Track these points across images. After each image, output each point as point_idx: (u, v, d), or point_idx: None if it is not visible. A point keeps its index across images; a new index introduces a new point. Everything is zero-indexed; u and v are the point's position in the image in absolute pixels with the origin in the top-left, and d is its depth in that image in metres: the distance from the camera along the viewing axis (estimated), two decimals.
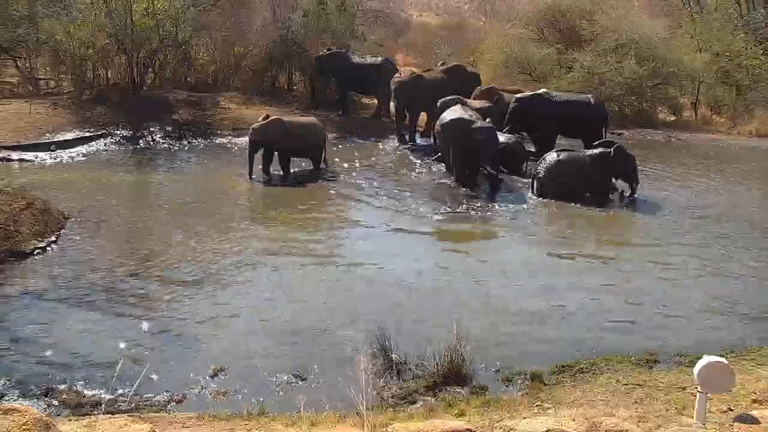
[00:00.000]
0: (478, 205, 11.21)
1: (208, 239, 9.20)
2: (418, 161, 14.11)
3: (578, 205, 11.22)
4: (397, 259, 8.63)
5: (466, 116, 12.33)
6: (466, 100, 14.32)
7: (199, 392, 5.57)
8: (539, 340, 6.56)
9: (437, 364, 5.74)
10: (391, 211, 10.76)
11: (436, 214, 10.74)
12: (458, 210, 10.96)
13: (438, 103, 14.15)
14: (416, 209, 10.87)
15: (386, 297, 7.43)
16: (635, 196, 11.68)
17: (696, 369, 4.20)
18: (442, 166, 13.41)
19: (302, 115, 15.25)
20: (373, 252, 8.93)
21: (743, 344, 6.53)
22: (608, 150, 11.56)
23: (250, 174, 12.14)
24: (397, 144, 15.48)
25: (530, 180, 12.03)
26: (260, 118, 12.73)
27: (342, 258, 8.68)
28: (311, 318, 6.90)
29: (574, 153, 12.06)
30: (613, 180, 11.80)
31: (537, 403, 5.29)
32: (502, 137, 13.09)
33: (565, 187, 11.38)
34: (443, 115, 12.85)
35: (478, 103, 14.46)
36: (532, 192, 11.80)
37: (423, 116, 15.95)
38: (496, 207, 11.17)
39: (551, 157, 11.86)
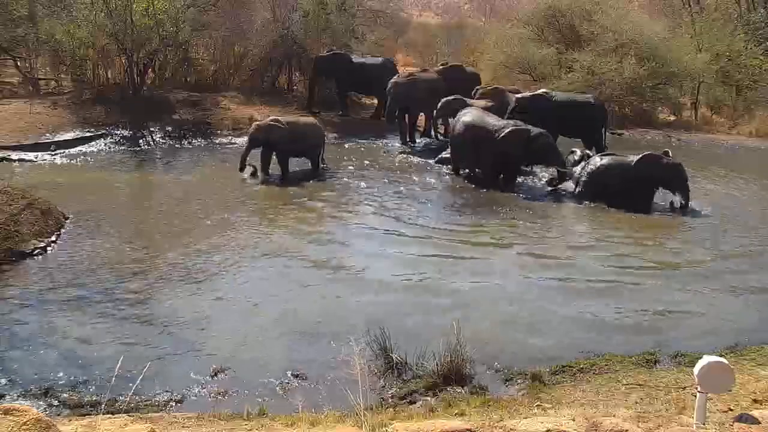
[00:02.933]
0: (484, 207, 11.24)
1: (208, 239, 9.19)
2: (419, 162, 14.13)
3: (592, 206, 11.25)
4: (400, 261, 8.60)
5: (522, 125, 12.22)
6: (468, 99, 14.36)
7: (199, 392, 5.57)
8: (539, 345, 6.56)
9: (437, 364, 5.74)
10: (393, 212, 10.75)
11: (440, 215, 10.75)
12: (464, 212, 10.98)
13: (440, 104, 14.15)
14: (419, 210, 10.87)
15: (388, 298, 7.42)
16: (687, 206, 11.18)
17: (696, 369, 4.19)
18: (444, 168, 13.45)
19: (302, 116, 15.26)
20: (374, 253, 8.90)
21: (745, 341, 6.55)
22: (653, 158, 11.31)
23: (242, 168, 12.17)
24: (398, 144, 15.50)
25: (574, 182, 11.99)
26: (269, 119, 12.65)
27: (343, 259, 8.67)
28: (312, 318, 6.89)
29: (619, 158, 11.77)
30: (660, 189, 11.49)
31: (537, 403, 5.28)
32: None
33: (606, 191, 11.21)
34: (480, 121, 12.51)
35: (482, 103, 14.49)
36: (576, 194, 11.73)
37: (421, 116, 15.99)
38: (505, 208, 11.18)
39: (595, 161, 11.72)
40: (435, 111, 14.57)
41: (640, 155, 11.45)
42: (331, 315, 6.98)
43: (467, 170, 12.99)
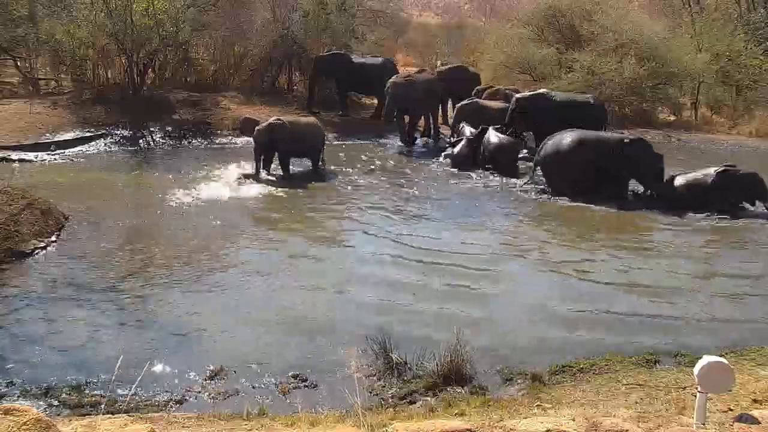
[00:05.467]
0: (493, 208, 11.27)
1: (208, 239, 9.20)
2: (419, 162, 14.14)
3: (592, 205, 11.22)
4: (403, 262, 8.56)
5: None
6: (479, 101, 14.44)
7: (199, 392, 5.57)
8: (539, 344, 6.55)
9: (437, 364, 5.74)
10: (395, 212, 10.74)
11: (444, 216, 10.73)
12: (473, 213, 10.98)
13: (456, 108, 14.23)
14: (422, 211, 10.87)
15: (388, 299, 7.41)
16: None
17: (696, 369, 4.19)
18: (442, 168, 13.44)
19: (303, 116, 15.25)
20: (376, 254, 8.90)
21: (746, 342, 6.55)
22: (731, 171, 11.25)
23: (257, 174, 12.15)
24: (398, 144, 15.51)
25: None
26: (270, 120, 12.62)
27: (344, 260, 8.68)
28: (312, 319, 6.89)
29: (696, 175, 11.58)
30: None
31: (537, 403, 5.28)
32: (494, 137, 13.17)
33: (685, 204, 11.12)
34: (595, 137, 12.17)
35: (496, 104, 14.53)
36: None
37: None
38: (512, 210, 11.21)
39: (677, 180, 11.57)
40: (455, 116, 14.83)
41: (719, 170, 11.32)
42: (332, 316, 6.97)
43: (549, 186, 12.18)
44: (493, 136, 13.27)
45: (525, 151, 14.18)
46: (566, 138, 12.10)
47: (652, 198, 11.75)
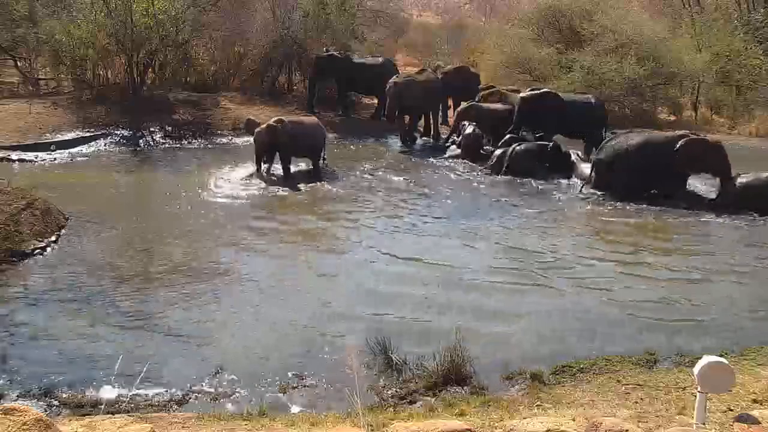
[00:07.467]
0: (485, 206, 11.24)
1: (208, 239, 9.20)
2: (419, 161, 14.13)
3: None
4: (402, 261, 8.57)
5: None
6: (483, 105, 14.46)
7: (199, 392, 5.56)
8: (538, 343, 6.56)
9: (437, 364, 5.73)
10: (395, 212, 10.75)
11: (444, 216, 10.74)
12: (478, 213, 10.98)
13: (458, 110, 14.22)
14: (423, 211, 10.87)
15: (388, 299, 7.41)
16: None
17: (696, 369, 4.19)
18: (444, 169, 13.42)
19: (304, 116, 15.23)
20: (377, 254, 8.88)
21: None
22: None
23: (258, 174, 12.21)
24: (399, 144, 15.52)
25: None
26: (271, 120, 12.62)
27: (344, 260, 8.67)
28: (312, 318, 6.89)
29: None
30: None
31: (537, 403, 5.28)
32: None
33: (753, 204, 11.07)
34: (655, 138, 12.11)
35: (498, 106, 14.50)
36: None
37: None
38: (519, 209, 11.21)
39: (741, 180, 11.53)
40: (456, 115, 14.80)
41: None
42: (333, 316, 6.97)
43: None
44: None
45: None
46: (631, 140, 11.99)
47: (717, 202, 11.52)
